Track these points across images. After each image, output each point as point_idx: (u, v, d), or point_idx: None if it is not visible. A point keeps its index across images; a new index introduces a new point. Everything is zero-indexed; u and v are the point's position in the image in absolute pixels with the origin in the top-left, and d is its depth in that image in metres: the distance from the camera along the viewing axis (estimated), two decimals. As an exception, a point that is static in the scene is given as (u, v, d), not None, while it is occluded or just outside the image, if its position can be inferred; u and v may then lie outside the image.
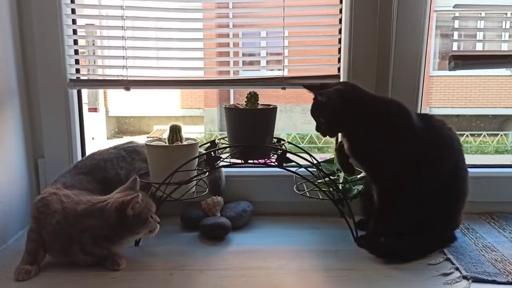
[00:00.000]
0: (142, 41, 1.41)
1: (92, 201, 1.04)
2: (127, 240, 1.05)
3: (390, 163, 1.11)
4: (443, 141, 1.13)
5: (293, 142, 1.41)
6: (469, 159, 1.18)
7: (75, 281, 0.99)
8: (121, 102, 4.76)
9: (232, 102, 4.48)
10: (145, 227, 1.03)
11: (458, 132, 1.18)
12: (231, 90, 4.33)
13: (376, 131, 1.10)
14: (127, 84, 1.38)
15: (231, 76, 1.45)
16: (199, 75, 1.49)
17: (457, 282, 0.98)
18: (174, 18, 1.41)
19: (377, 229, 1.16)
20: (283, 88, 1.39)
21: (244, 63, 1.49)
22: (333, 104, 1.08)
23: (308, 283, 1.00)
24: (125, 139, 1.41)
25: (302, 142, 4.16)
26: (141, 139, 1.34)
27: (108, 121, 4.76)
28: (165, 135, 1.25)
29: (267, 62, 1.61)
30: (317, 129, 1.15)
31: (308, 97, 1.17)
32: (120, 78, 1.38)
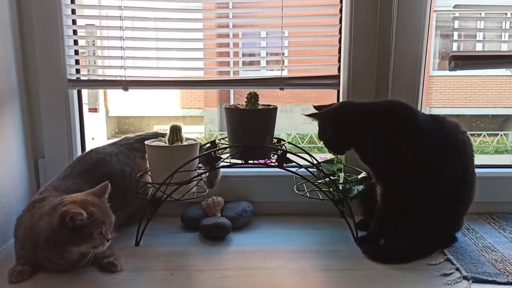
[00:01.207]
0: (141, 42, 1.41)
1: (55, 201, 0.99)
2: (75, 250, 0.96)
3: (392, 161, 1.11)
4: (455, 144, 1.12)
5: (293, 142, 1.41)
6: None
7: (74, 282, 0.99)
8: (121, 102, 4.76)
9: (232, 102, 4.47)
10: (87, 242, 0.95)
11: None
12: (231, 90, 4.34)
13: (376, 131, 1.10)
14: (125, 85, 1.38)
15: (230, 77, 1.44)
16: (199, 75, 1.49)
17: (457, 282, 0.98)
18: (173, 18, 1.41)
19: (378, 230, 1.16)
20: (281, 89, 1.38)
21: (244, 63, 1.49)
22: (329, 120, 1.13)
23: (308, 283, 1.00)
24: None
25: (302, 142, 4.15)
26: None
27: (108, 121, 4.75)
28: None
29: (267, 62, 1.60)
30: (331, 150, 1.20)
31: (307, 97, 1.17)
32: (118, 78, 1.38)
